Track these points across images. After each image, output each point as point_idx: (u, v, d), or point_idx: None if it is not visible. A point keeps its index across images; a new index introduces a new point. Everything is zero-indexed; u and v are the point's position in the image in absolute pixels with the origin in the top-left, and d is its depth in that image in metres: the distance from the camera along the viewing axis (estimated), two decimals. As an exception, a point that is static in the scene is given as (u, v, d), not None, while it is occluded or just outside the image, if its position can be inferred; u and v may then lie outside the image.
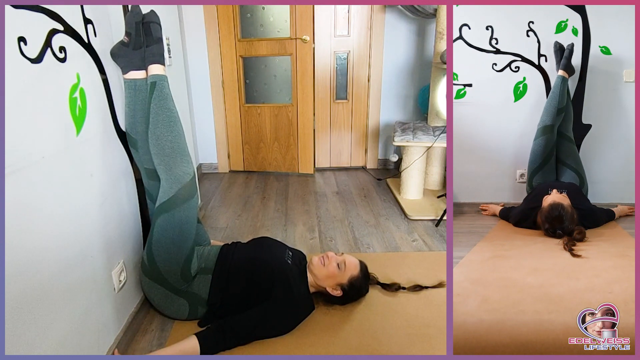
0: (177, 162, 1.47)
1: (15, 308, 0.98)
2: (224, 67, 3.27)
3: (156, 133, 1.45)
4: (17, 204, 0.98)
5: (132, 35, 1.42)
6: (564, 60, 2.19)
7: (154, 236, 1.48)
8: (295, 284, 1.57)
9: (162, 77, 1.47)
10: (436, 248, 2.22)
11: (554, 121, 2.16)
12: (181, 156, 1.48)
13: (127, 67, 1.46)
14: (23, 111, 1.00)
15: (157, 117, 1.45)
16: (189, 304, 1.55)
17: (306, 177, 3.46)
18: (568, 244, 1.69)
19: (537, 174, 2.18)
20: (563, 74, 2.18)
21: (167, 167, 1.46)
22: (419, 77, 3.40)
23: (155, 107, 1.45)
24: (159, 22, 1.48)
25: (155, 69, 1.47)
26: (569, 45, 2.19)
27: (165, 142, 1.45)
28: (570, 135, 2.23)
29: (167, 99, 1.46)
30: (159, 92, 1.45)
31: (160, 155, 1.46)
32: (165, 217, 1.46)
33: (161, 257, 1.48)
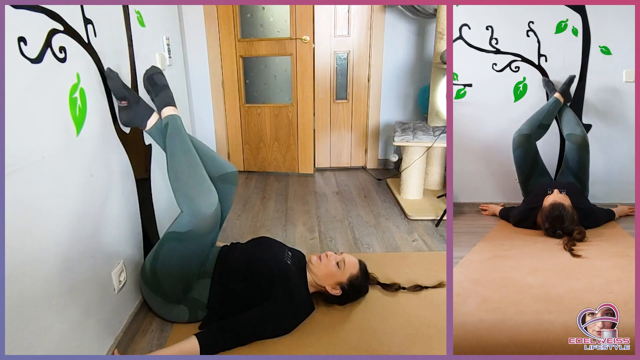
0: (198, 192, 1.41)
1: (16, 308, 0.98)
2: (224, 67, 3.27)
3: (174, 166, 1.43)
4: (17, 204, 0.98)
5: (126, 95, 1.45)
6: (563, 86, 2.22)
7: (162, 257, 1.46)
8: (295, 284, 1.57)
9: (175, 116, 1.51)
10: (436, 248, 2.22)
11: (532, 132, 2.14)
12: (202, 186, 1.42)
13: (142, 121, 1.51)
14: (23, 111, 1.01)
15: (173, 150, 1.45)
16: (188, 310, 1.55)
17: (306, 177, 3.46)
18: (568, 244, 1.69)
19: (529, 182, 2.17)
20: (559, 97, 2.21)
21: (188, 198, 1.40)
22: (419, 77, 3.40)
23: (171, 141, 1.46)
24: (161, 71, 1.57)
25: (168, 110, 1.51)
26: (570, 75, 2.23)
27: (184, 172, 1.42)
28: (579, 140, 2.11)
29: (181, 132, 1.48)
30: (173, 127, 1.48)
31: (180, 188, 1.42)
32: (177, 247, 1.44)
33: (165, 276, 1.47)
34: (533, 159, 2.16)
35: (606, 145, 2.38)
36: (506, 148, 2.37)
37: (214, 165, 1.62)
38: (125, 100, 1.46)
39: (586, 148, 2.12)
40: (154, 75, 1.54)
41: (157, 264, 1.47)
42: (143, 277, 1.53)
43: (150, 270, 1.49)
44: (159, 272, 1.47)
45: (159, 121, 1.52)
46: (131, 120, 1.50)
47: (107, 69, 1.40)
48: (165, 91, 1.54)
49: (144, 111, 1.51)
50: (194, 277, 1.54)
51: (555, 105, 2.19)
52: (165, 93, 1.53)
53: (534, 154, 2.17)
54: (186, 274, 1.50)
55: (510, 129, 2.39)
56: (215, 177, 1.60)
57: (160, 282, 1.48)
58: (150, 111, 1.52)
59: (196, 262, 1.51)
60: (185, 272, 1.50)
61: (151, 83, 1.54)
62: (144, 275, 1.53)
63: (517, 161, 2.17)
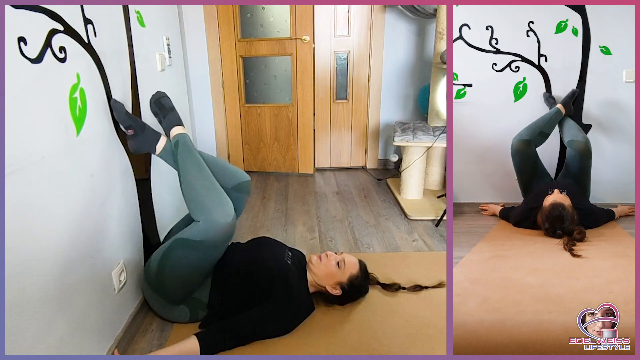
0: (214, 203, 1.43)
1: (16, 308, 0.98)
2: (224, 67, 3.27)
3: (187, 181, 1.46)
4: (17, 204, 0.98)
5: (132, 124, 1.48)
6: (566, 98, 2.23)
7: (170, 263, 1.46)
8: (295, 284, 1.57)
9: (184, 134, 1.55)
10: (436, 248, 2.22)
11: (532, 137, 2.14)
12: (217, 197, 1.45)
13: (151, 146, 1.54)
14: (23, 111, 1.01)
15: (185, 166, 1.48)
16: (189, 310, 1.55)
17: (306, 177, 3.46)
18: (568, 244, 1.69)
19: (529, 186, 2.17)
20: (561, 107, 2.22)
21: (204, 209, 1.42)
22: (419, 77, 3.40)
23: (182, 158, 1.49)
24: (166, 95, 1.61)
25: (177, 130, 1.55)
26: (574, 89, 2.25)
27: (198, 186, 1.45)
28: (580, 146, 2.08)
29: (191, 149, 1.52)
30: (183, 145, 1.51)
31: (195, 200, 1.44)
32: (189, 254, 1.44)
33: (172, 283, 1.48)
34: (533, 164, 2.16)
35: (606, 145, 2.38)
36: (506, 148, 2.36)
37: (227, 176, 1.65)
38: (131, 129, 1.49)
39: (588, 155, 2.10)
40: (160, 98, 1.59)
41: (165, 269, 1.46)
42: (146, 278, 1.53)
43: (155, 273, 1.48)
44: (165, 276, 1.47)
45: (168, 143, 1.56)
46: (140, 148, 1.53)
47: (112, 100, 1.43)
48: (173, 113, 1.58)
49: (152, 137, 1.54)
50: (199, 284, 1.55)
51: (556, 115, 2.20)
52: (173, 114, 1.58)
53: (534, 159, 2.16)
54: (192, 281, 1.51)
55: (510, 129, 2.39)
56: (229, 187, 1.62)
57: (164, 285, 1.49)
58: (157, 136, 1.55)
59: (204, 271, 1.52)
60: (192, 280, 1.51)
61: (158, 106, 1.58)
62: (147, 276, 1.52)
63: (517, 167, 2.17)
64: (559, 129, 2.28)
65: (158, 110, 1.58)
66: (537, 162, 2.17)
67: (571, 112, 2.26)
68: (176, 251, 1.45)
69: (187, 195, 1.46)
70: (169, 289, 1.49)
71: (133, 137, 1.51)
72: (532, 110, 2.34)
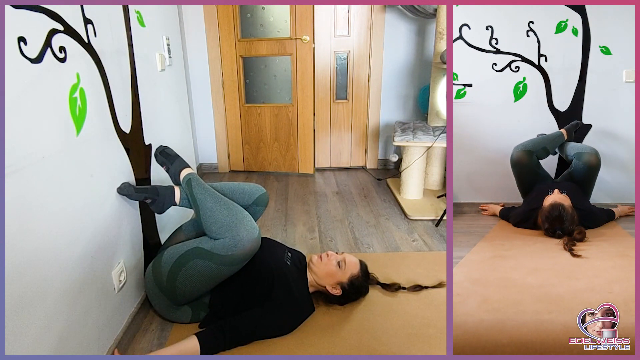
0: (238, 220, 1.47)
1: (16, 308, 0.98)
2: (224, 67, 3.27)
3: (207, 208, 1.51)
4: (17, 203, 0.98)
5: (146, 195, 1.58)
6: (569, 126, 2.25)
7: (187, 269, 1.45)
8: (294, 284, 1.57)
9: (193, 173, 1.68)
10: (436, 248, 2.22)
11: (536, 149, 2.13)
12: (241, 215, 1.50)
13: (171, 201, 1.64)
14: (23, 111, 1.01)
15: (204, 200, 1.54)
16: (191, 310, 1.55)
17: (306, 177, 3.46)
18: (568, 244, 1.69)
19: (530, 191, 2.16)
20: (564, 132, 2.23)
21: (229, 227, 1.46)
22: (419, 77, 3.40)
23: (198, 194, 1.56)
24: (167, 146, 1.79)
25: (185, 171, 1.68)
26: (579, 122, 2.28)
27: (221, 213, 1.49)
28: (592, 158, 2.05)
29: (204, 185, 1.61)
30: (196, 183, 1.60)
31: (219, 224, 1.47)
32: (209, 265, 1.44)
33: (184, 288, 1.47)
34: (534, 173, 2.15)
35: (606, 145, 2.38)
36: (506, 148, 2.37)
37: (244, 195, 1.73)
38: (148, 198, 1.59)
39: (598, 167, 2.06)
40: (165, 149, 1.76)
41: (179, 273, 1.46)
42: (156, 277, 1.50)
43: (168, 275, 1.47)
44: (178, 280, 1.46)
45: (182, 190, 1.66)
46: (162, 208, 1.64)
47: (118, 188, 1.49)
48: (179, 159, 1.73)
49: (168, 194, 1.64)
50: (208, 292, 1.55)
51: (559, 138, 2.21)
52: (179, 160, 1.72)
53: (535, 169, 2.15)
54: (205, 289, 1.52)
55: (510, 129, 2.40)
56: (250, 204, 1.72)
57: (174, 289, 1.48)
58: (171, 190, 1.65)
59: (218, 282, 1.52)
60: (205, 288, 1.51)
61: (164, 155, 1.74)
62: (157, 276, 1.50)
63: (517, 175, 2.17)
64: (560, 151, 2.28)
65: (165, 160, 1.73)
66: (538, 171, 2.16)
67: (571, 140, 2.24)
68: (195, 259, 1.45)
69: (209, 222, 1.49)
70: (179, 293, 1.49)
71: (153, 203, 1.61)
72: (532, 110, 2.34)
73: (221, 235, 1.45)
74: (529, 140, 2.18)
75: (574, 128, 2.26)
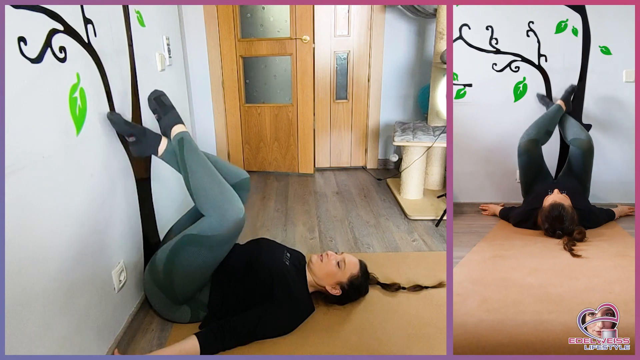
0: (226, 199, 1.45)
1: (16, 308, 0.98)
2: (224, 67, 3.27)
3: (200, 182, 1.47)
4: (17, 203, 0.98)
5: (133, 131, 1.50)
6: (565, 94, 2.25)
7: (180, 260, 1.45)
8: (294, 285, 1.57)
9: (186, 132, 1.56)
10: (436, 248, 2.22)
11: (539, 137, 2.15)
12: (228, 193, 1.47)
13: (154, 149, 1.55)
14: (23, 111, 1.01)
15: (195, 168, 1.49)
16: (190, 310, 1.55)
17: (306, 177, 3.46)
18: (568, 244, 1.69)
19: (532, 186, 2.16)
20: (561, 104, 2.23)
21: (216, 205, 1.44)
22: (419, 77, 3.40)
23: (190, 159, 1.50)
24: (164, 93, 1.62)
25: (177, 128, 1.56)
26: (573, 85, 2.27)
27: (212, 188, 1.46)
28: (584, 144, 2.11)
29: (196, 149, 1.54)
30: (188, 145, 1.52)
31: (209, 200, 1.45)
32: (200, 250, 1.44)
33: (181, 280, 1.47)
34: (539, 164, 2.17)
35: (606, 144, 2.38)
36: (506, 148, 2.37)
37: (228, 175, 1.66)
38: (133, 135, 1.51)
39: (591, 152, 2.12)
40: (160, 96, 1.60)
41: (174, 266, 1.46)
42: (153, 276, 1.51)
43: (164, 271, 1.47)
44: (174, 273, 1.46)
45: (169, 144, 1.57)
46: (143, 152, 1.55)
47: (108, 113, 1.43)
48: (173, 111, 1.60)
49: (153, 140, 1.55)
50: (206, 283, 1.55)
51: (558, 112, 2.21)
52: (173, 113, 1.59)
53: (540, 159, 2.17)
54: (202, 278, 1.51)
55: (510, 129, 2.39)
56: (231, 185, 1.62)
57: (173, 284, 1.48)
58: (158, 138, 1.57)
59: (213, 267, 1.52)
60: (202, 277, 1.51)
61: (158, 103, 1.59)
62: (154, 275, 1.50)
63: (523, 166, 2.17)
64: (560, 128, 2.28)
65: (158, 107, 1.58)
66: (542, 163, 2.18)
67: (570, 108, 2.26)
68: (186, 247, 1.45)
69: (196, 194, 1.47)
70: (177, 287, 1.48)
71: (135, 144, 1.52)
72: (532, 110, 2.34)
73: (209, 211, 1.44)
74: (531, 126, 2.19)
75: (570, 94, 2.25)
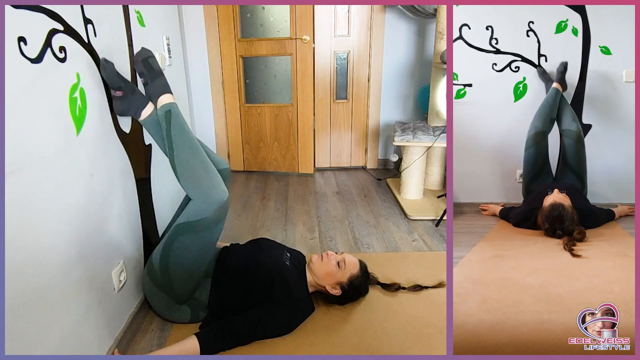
0: (210, 180, 1.44)
1: (16, 308, 0.98)
2: (224, 67, 3.27)
3: (185, 157, 1.43)
4: (17, 203, 0.98)
5: (122, 85, 1.42)
6: (558, 75, 2.24)
7: (174, 252, 1.45)
8: (294, 285, 1.57)
9: (174, 104, 1.49)
10: (436, 248, 2.22)
11: (546, 128, 2.16)
12: (214, 175, 1.45)
13: (138, 110, 1.48)
14: (23, 111, 1.00)
15: (182, 145, 1.44)
16: (190, 310, 1.55)
17: (306, 177, 3.46)
18: (568, 244, 1.69)
19: (534, 183, 2.17)
20: (557, 86, 2.22)
21: (200, 186, 1.42)
22: (419, 77, 3.40)
23: (177, 133, 1.44)
24: (153, 55, 1.49)
25: (165, 98, 1.48)
26: (563, 62, 2.25)
27: (197, 165, 1.44)
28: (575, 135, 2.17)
29: (184, 124, 1.48)
30: (176, 119, 1.46)
31: (194, 179, 1.43)
32: (191, 237, 1.44)
33: (178, 273, 1.47)
34: (545, 157, 2.18)
35: (606, 145, 2.38)
36: (506, 148, 2.37)
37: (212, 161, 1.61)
38: (121, 90, 1.42)
39: (581, 142, 2.17)
40: (148, 58, 1.46)
41: (169, 261, 1.45)
42: (151, 276, 1.50)
43: (160, 268, 1.47)
44: (171, 268, 1.46)
45: (154, 111, 1.49)
46: (126, 111, 1.46)
47: (102, 59, 1.37)
48: (161, 78, 1.49)
49: (140, 101, 1.47)
50: (203, 273, 1.53)
51: (557, 96, 2.21)
52: (161, 80, 1.48)
53: (546, 152, 2.19)
54: (198, 268, 1.50)
55: (510, 129, 2.40)
56: None
57: (170, 280, 1.47)
58: (145, 101, 1.49)
59: (210, 252, 1.50)
60: (198, 266, 1.49)
61: (146, 66, 1.45)
62: (152, 274, 1.50)
63: (530, 159, 2.17)
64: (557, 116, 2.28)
65: (145, 71, 1.45)
66: (547, 157, 2.20)
67: (567, 87, 2.27)
68: (179, 238, 1.44)
69: (181, 173, 1.43)
70: (176, 283, 1.48)
71: (120, 99, 1.43)
72: (532, 110, 2.34)
73: (193, 193, 1.43)
74: (535, 118, 2.20)
75: (563, 73, 2.24)
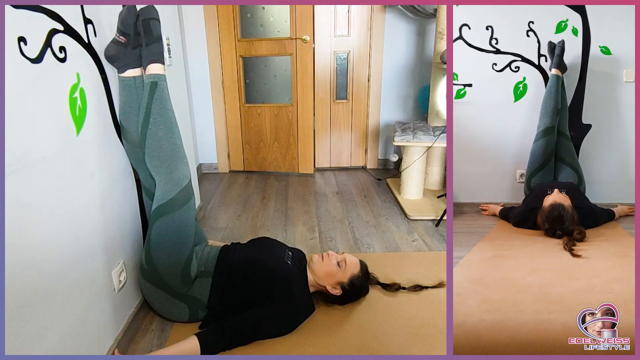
0: (177, 164, 1.46)
1: (16, 308, 0.97)
2: (224, 67, 3.27)
3: (158, 135, 1.42)
4: (17, 203, 0.98)
5: (131, 35, 1.37)
6: (555, 59, 2.21)
7: (153, 239, 1.47)
8: (295, 284, 1.57)
9: (163, 76, 1.44)
10: (436, 248, 2.22)
11: (554, 122, 2.16)
12: (181, 158, 1.48)
13: (125, 66, 1.41)
14: (23, 111, 1.00)
15: (158, 119, 1.41)
16: (189, 308, 1.55)
17: (306, 177, 3.46)
18: (568, 244, 1.69)
19: (536, 175, 2.18)
20: (556, 72, 2.20)
21: (167, 170, 1.45)
22: (419, 77, 3.40)
23: (157, 109, 1.41)
24: (158, 18, 1.43)
25: (156, 68, 1.43)
26: (559, 42, 2.21)
27: (167, 145, 1.44)
28: (567, 132, 2.24)
29: (167, 100, 1.45)
30: (160, 93, 1.42)
31: (160, 158, 1.44)
32: (164, 220, 1.46)
33: (161, 260, 1.47)
34: (552, 150, 2.19)
35: (606, 145, 2.38)
36: (506, 148, 2.37)
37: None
38: (126, 38, 1.35)
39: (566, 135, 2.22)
40: (151, 20, 1.38)
41: (151, 250, 1.47)
42: (142, 273, 1.53)
43: (146, 260, 1.49)
44: (154, 257, 1.46)
45: (140, 77, 1.44)
46: (115, 59, 1.38)
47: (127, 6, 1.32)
48: (158, 45, 1.42)
49: (133, 60, 1.40)
50: (189, 253, 1.51)
51: (558, 83, 2.20)
52: (157, 47, 1.42)
53: (553, 145, 2.19)
54: (180, 252, 1.48)
55: (510, 129, 2.40)
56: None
57: (158, 271, 1.48)
58: (137, 64, 1.42)
59: (187, 234, 1.49)
60: (179, 250, 1.48)
61: (146, 28, 1.37)
62: (142, 270, 1.52)
63: (537, 150, 2.18)
64: None
65: (143, 33, 1.37)
66: (552, 153, 2.21)
67: (566, 69, 2.25)
68: (155, 223, 1.46)
69: (149, 147, 1.41)
70: (163, 272, 1.47)
71: (118, 45, 1.36)
72: (532, 110, 2.34)
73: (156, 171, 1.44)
74: (542, 113, 2.19)
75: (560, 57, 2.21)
